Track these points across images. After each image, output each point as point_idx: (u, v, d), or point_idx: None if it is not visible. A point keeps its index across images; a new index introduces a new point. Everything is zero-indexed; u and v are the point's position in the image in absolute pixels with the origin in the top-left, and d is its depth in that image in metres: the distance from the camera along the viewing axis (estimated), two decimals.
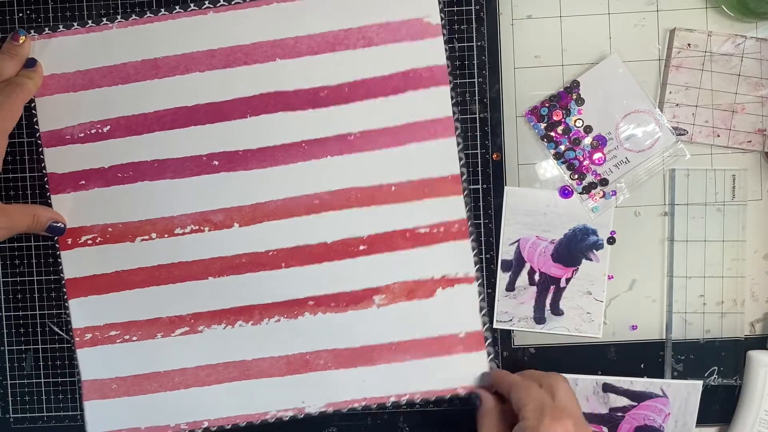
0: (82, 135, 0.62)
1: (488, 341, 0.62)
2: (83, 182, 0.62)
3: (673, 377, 0.62)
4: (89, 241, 0.62)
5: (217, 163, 0.62)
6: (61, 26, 0.62)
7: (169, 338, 0.63)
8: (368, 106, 0.61)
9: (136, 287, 0.62)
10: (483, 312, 0.62)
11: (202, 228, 0.62)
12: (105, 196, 0.62)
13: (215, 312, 0.62)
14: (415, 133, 0.61)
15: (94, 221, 0.62)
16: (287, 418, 0.62)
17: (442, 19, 0.61)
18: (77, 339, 0.63)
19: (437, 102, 0.61)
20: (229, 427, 0.63)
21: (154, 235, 0.62)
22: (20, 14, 0.63)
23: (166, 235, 0.62)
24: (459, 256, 0.61)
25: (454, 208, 0.61)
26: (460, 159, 0.61)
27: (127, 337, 0.63)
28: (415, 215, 0.61)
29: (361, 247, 0.62)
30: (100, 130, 0.62)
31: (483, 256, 0.63)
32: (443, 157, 0.61)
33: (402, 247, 0.62)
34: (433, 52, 0.61)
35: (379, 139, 0.61)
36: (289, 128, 0.61)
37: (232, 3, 0.61)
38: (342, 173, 0.61)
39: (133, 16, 0.62)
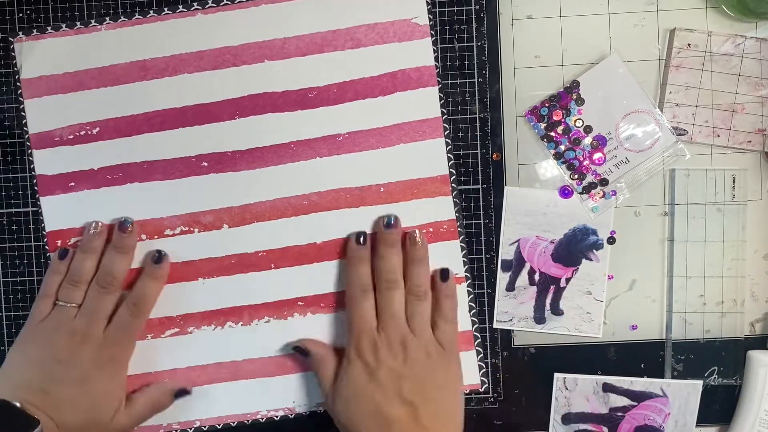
0: (72, 137, 0.60)
1: (477, 341, 0.60)
2: (72, 184, 0.60)
3: (673, 377, 0.60)
4: (79, 243, 0.60)
5: (206, 164, 0.60)
6: (49, 28, 0.59)
7: (160, 339, 0.60)
8: (357, 106, 0.59)
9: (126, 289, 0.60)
10: (472, 312, 0.60)
11: (191, 229, 0.60)
12: (94, 198, 0.60)
13: (205, 313, 0.60)
14: (403, 134, 0.59)
15: (84, 223, 0.60)
16: (278, 418, 0.60)
17: (430, 20, 0.59)
18: None
19: (425, 103, 0.59)
20: (220, 426, 0.61)
21: (144, 236, 0.60)
22: (20, 14, 0.60)
23: (156, 237, 0.60)
24: (448, 257, 0.59)
25: (443, 208, 0.59)
26: (449, 159, 0.59)
27: None
28: (405, 216, 0.59)
29: None
30: (89, 132, 0.60)
31: (483, 255, 0.60)
32: (432, 157, 0.59)
33: None
34: (422, 53, 0.59)
35: (368, 139, 0.59)
36: (278, 129, 0.59)
37: (221, 4, 0.59)
38: (331, 174, 0.59)
39: (122, 18, 0.59)
